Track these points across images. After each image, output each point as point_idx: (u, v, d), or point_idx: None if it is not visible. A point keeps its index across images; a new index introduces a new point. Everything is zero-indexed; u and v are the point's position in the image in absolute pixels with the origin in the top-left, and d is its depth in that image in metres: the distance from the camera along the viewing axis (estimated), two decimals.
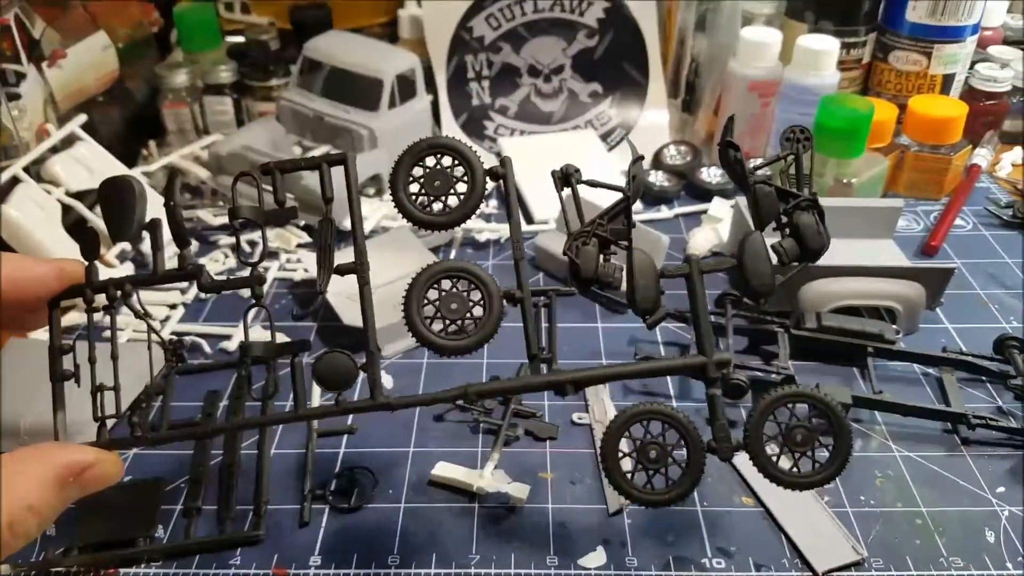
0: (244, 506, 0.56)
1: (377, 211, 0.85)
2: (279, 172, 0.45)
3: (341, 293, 0.73)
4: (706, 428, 0.45)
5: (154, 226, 0.45)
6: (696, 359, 0.45)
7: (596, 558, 0.53)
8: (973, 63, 1.00)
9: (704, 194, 0.91)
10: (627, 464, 0.45)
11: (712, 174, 0.93)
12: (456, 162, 0.46)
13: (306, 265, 0.78)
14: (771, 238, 0.46)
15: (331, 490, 0.57)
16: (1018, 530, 0.54)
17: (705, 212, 0.86)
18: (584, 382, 0.45)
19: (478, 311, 0.44)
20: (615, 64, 1.03)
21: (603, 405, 0.63)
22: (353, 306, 0.71)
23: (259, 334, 0.72)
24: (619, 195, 0.46)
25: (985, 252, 0.83)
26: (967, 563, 0.52)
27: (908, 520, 0.55)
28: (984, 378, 0.66)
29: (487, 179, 0.46)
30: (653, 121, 1.03)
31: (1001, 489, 0.57)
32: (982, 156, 0.94)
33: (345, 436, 0.62)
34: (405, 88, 0.90)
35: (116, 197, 0.45)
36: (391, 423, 0.63)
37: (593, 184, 0.47)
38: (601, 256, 0.45)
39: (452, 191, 0.46)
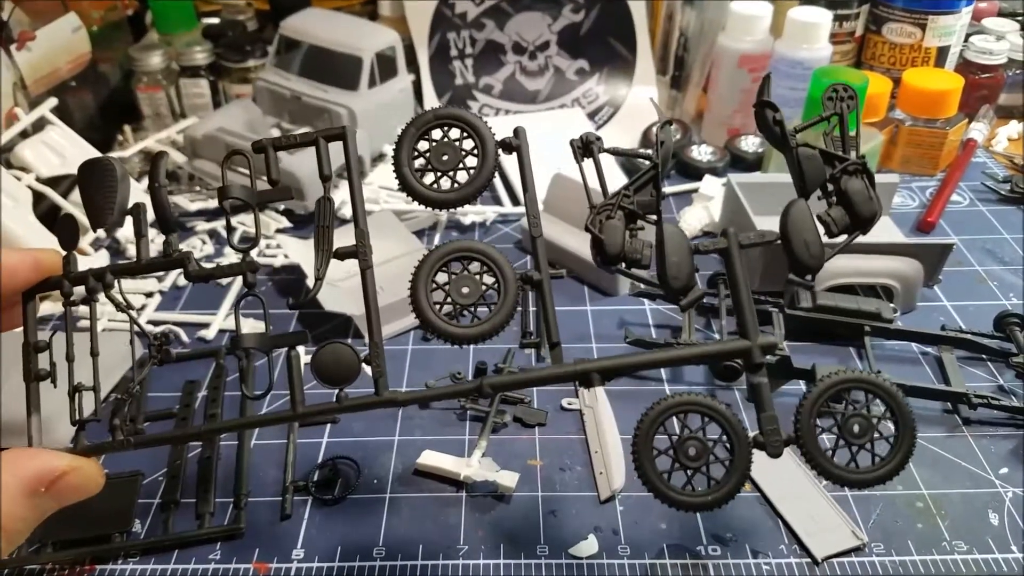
0: (224, 499, 0.54)
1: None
2: (273, 149, 0.42)
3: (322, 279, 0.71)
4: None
5: (138, 211, 0.42)
6: (739, 343, 0.41)
7: (588, 547, 0.51)
8: (968, 36, 0.98)
9: (694, 172, 0.89)
10: (662, 463, 0.41)
11: (703, 152, 0.91)
12: (465, 134, 0.42)
13: (286, 251, 0.76)
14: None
15: (314, 481, 0.56)
16: (1022, 512, 0.52)
17: (696, 191, 0.84)
18: (612, 371, 0.41)
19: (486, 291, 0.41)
20: (602, 40, 1.00)
21: (593, 390, 0.61)
22: (334, 292, 0.69)
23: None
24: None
25: (983, 228, 0.81)
26: (970, 547, 0.50)
27: (909, 503, 0.53)
28: (984, 356, 0.64)
29: (499, 151, 0.42)
30: (642, 99, 1.00)
31: (1004, 470, 0.55)
32: (978, 130, 0.93)
33: (328, 426, 0.60)
34: (385, 66, 0.88)
35: (96, 180, 0.42)
36: (375, 411, 0.61)
37: (616, 152, 0.44)
38: (627, 232, 0.42)
39: (461, 165, 0.42)
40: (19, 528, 0.36)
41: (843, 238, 0.42)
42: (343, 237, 0.41)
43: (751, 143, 0.92)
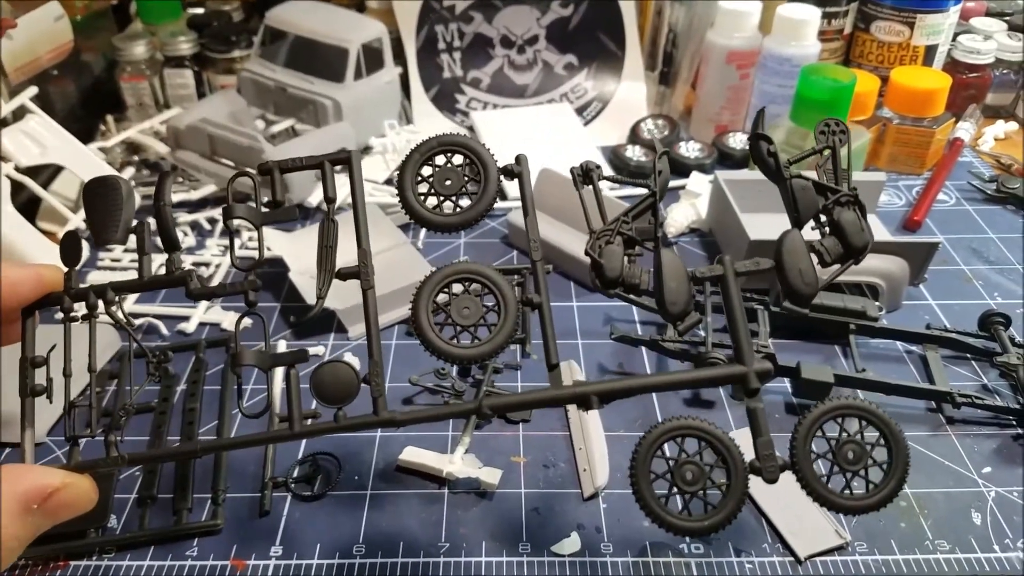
0: (201, 495, 0.54)
1: (343, 187, 0.82)
2: (279, 171, 0.43)
3: (305, 273, 0.70)
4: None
5: (141, 229, 0.43)
6: (735, 369, 0.41)
7: (570, 544, 0.51)
8: (955, 35, 0.98)
9: (682, 169, 0.88)
10: (659, 487, 0.41)
11: (690, 148, 0.91)
12: (468, 160, 0.44)
13: (269, 244, 0.75)
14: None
15: (293, 477, 0.55)
16: (1005, 512, 0.52)
17: (683, 187, 0.84)
18: (611, 394, 0.41)
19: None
20: (591, 35, 1.00)
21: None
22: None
23: (219, 314, 0.69)
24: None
25: (968, 227, 0.81)
26: (953, 546, 0.50)
27: (892, 502, 0.53)
28: (969, 355, 0.64)
29: (501, 177, 0.44)
30: (630, 94, 1.00)
31: (987, 469, 0.55)
32: (965, 130, 0.93)
33: (308, 420, 0.59)
34: (372, 58, 0.87)
35: (102, 197, 0.43)
36: (356, 406, 0.60)
37: (615, 180, 0.46)
38: (625, 257, 0.43)
39: (463, 190, 0.43)
40: (12, 547, 0.35)
41: (835, 267, 0.43)
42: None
43: (739, 140, 0.92)
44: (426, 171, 0.43)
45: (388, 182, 0.86)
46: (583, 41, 1.00)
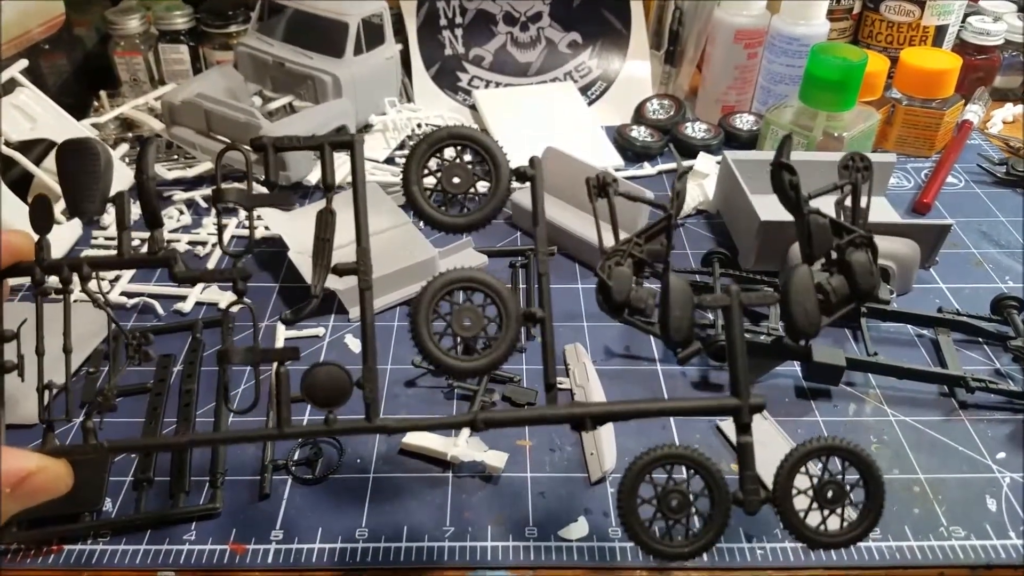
0: (199, 477, 0.52)
1: (343, 166, 0.80)
2: (273, 149, 0.40)
3: (304, 252, 0.69)
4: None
5: (121, 201, 0.40)
6: (729, 400, 0.41)
7: (578, 529, 0.50)
8: (965, 16, 0.97)
9: (688, 150, 0.87)
10: (645, 510, 0.41)
11: (696, 129, 0.89)
12: (479, 158, 0.41)
13: (267, 223, 0.73)
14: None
15: (294, 460, 0.54)
16: (1020, 498, 0.51)
17: (690, 168, 0.82)
18: (605, 417, 0.41)
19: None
20: (595, 12, 0.98)
21: (584, 369, 0.60)
22: None
23: (216, 294, 0.67)
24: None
25: (978, 210, 0.80)
26: (968, 532, 0.49)
27: (905, 488, 0.52)
28: (981, 339, 0.63)
29: (513, 179, 0.42)
30: (635, 73, 0.98)
31: (1002, 455, 0.54)
32: (974, 112, 0.91)
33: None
34: (372, 34, 0.85)
35: (78, 164, 0.40)
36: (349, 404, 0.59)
37: (630, 197, 0.44)
38: (634, 280, 0.42)
39: (473, 190, 0.41)
40: None
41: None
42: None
43: (746, 121, 0.91)
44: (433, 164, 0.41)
45: (389, 161, 0.85)
46: (587, 19, 0.98)
